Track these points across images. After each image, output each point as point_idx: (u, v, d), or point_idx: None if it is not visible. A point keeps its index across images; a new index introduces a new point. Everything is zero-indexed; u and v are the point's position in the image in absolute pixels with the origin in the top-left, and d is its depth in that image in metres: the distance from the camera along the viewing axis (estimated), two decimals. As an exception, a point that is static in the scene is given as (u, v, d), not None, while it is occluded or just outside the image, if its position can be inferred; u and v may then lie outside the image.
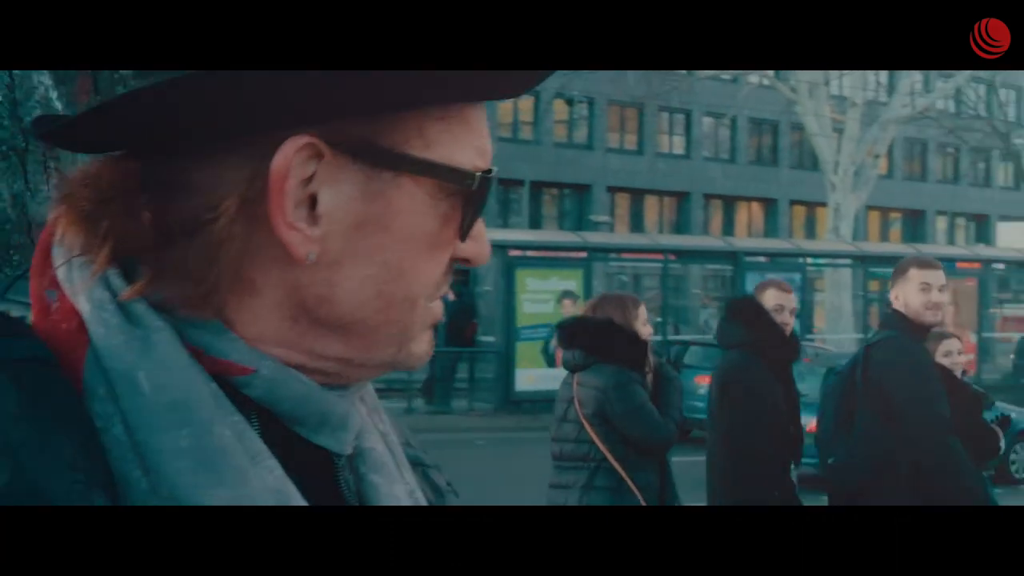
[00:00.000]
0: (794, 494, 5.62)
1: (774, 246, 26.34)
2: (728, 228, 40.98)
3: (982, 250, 27.24)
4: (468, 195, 0.95)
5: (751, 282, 21.64)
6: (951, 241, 45.24)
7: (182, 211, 0.90)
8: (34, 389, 0.84)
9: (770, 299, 5.82)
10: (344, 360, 0.96)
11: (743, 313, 5.79)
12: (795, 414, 5.74)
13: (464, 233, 0.97)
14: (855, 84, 27.39)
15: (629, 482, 5.29)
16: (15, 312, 0.94)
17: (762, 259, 22.88)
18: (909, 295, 4.96)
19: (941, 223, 46.74)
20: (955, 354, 5.56)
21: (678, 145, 40.58)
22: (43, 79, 1.74)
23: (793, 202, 42.50)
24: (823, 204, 28.47)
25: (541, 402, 17.20)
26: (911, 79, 28.07)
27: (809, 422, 6.22)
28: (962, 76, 27.98)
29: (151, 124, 0.90)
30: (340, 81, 0.88)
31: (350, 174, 0.91)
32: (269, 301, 0.93)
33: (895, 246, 29.54)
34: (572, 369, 5.56)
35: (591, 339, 5.46)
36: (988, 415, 5.61)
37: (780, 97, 28.88)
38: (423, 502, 1.09)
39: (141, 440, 0.86)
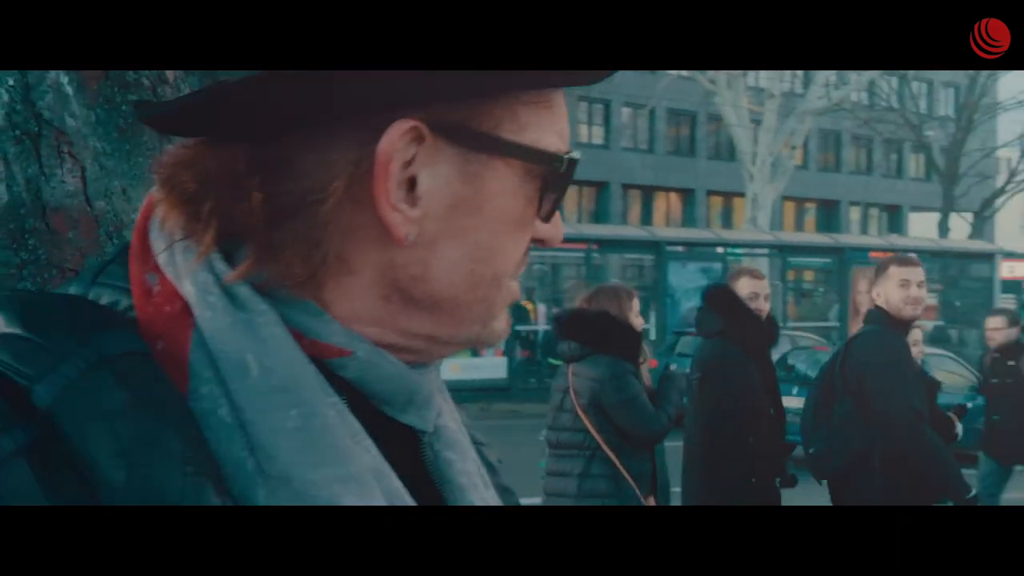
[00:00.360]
0: (773, 483, 5.75)
1: (696, 235, 26.61)
2: (647, 218, 41.28)
3: (896, 240, 27.76)
4: (555, 177, 0.98)
5: (673, 272, 21.88)
6: (864, 231, 46.04)
7: (290, 194, 0.92)
8: (137, 385, 0.85)
9: (744, 287, 5.97)
10: (432, 338, 0.99)
11: (719, 302, 5.92)
12: (776, 396, 5.90)
13: (549, 214, 1.00)
14: (772, 76, 27.67)
15: (623, 471, 5.38)
16: (106, 297, 0.94)
17: (680, 248, 23.10)
18: (889, 291, 5.22)
19: (855, 213, 47.51)
20: (917, 344, 5.78)
21: (597, 135, 40.78)
22: (54, 63, 1.73)
23: (710, 192, 42.95)
24: (740, 194, 28.79)
25: (466, 391, 17.28)
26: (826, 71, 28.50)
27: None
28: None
29: (261, 112, 0.92)
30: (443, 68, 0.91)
31: (448, 156, 0.93)
32: (365, 281, 0.95)
33: (814, 236, 30.00)
34: (568, 360, 5.64)
35: (587, 331, 5.53)
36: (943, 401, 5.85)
37: (699, 88, 29.14)
38: (486, 479, 1.12)
39: (248, 420, 0.88)
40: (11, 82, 1.70)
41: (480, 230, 0.96)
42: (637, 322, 5.66)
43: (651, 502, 5.50)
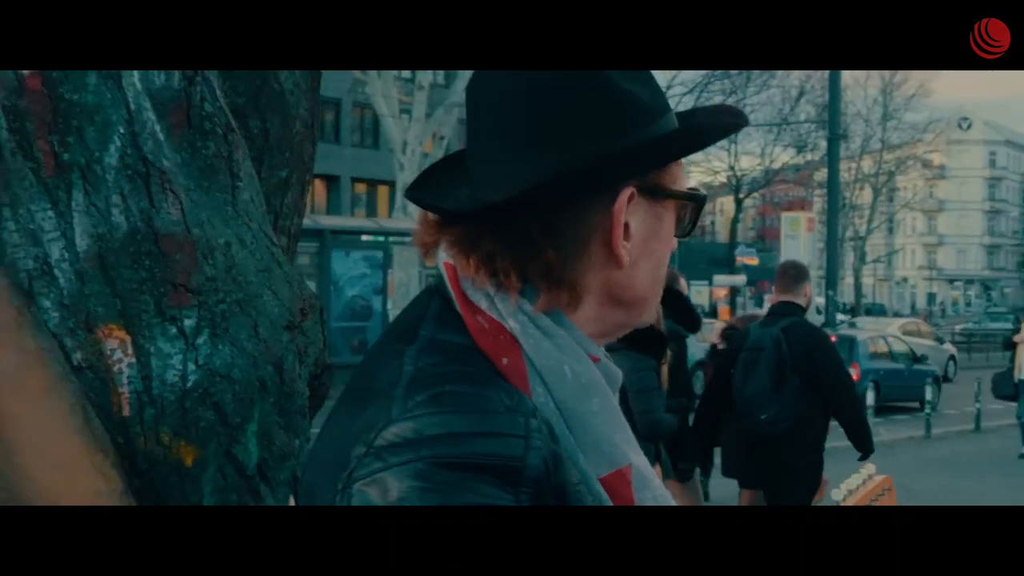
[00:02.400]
0: None
1: (358, 224, 26.94)
2: (292, 204, 41.17)
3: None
4: (697, 207, 1.39)
5: (337, 260, 22.26)
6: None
7: (566, 248, 1.29)
8: (518, 401, 1.23)
9: (684, 287, 7.39)
10: (623, 325, 1.38)
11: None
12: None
13: (690, 231, 1.40)
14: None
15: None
16: (455, 340, 1.29)
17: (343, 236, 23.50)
18: (809, 291, 6.68)
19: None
20: None
21: (241, 120, 40.28)
22: (151, 115, 2.11)
23: (355, 179, 43.49)
24: (384, 182, 29.29)
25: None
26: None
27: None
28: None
29: (551, 192, 1.29)
30: (651, 154, 1.34)
31: (644, 206, 1.32)
32: (593, 296, 1.33)
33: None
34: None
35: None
36: None
37: (347, 76, 29.53)
38: None
39: (566, 408, 1.27)
40: (121, 131, 2.08)
41: (660, 250, 1.36)
42: (660, 324, 6.42)
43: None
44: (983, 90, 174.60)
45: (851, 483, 1.74)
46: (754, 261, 73.42)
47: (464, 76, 28.94)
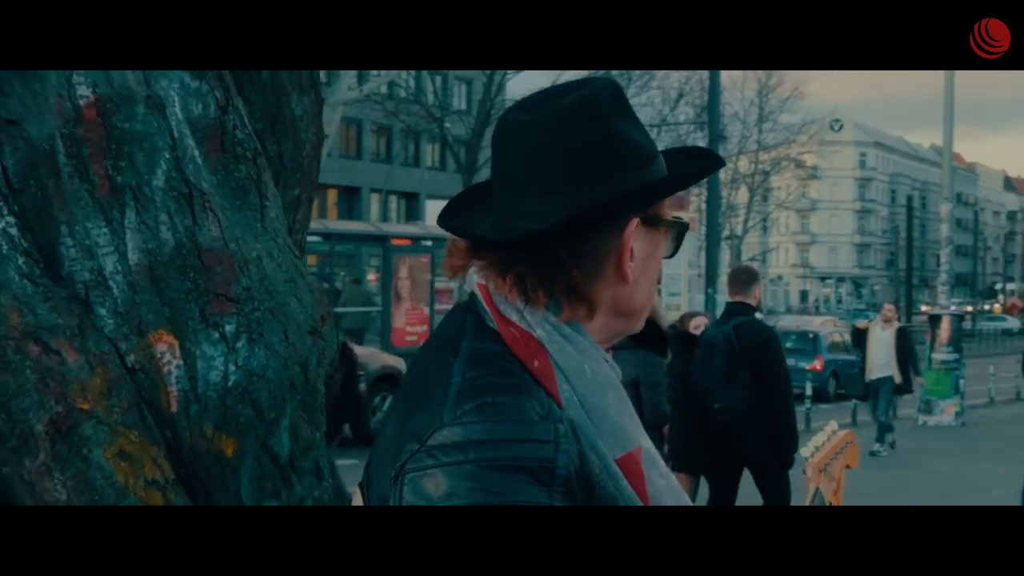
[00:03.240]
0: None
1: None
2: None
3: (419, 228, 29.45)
4: (681, 232, 1.62)
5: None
6: (384, 217, 48.03)
7: (588, 269, 1.51)
8: (548, 408, 1.43)
9: None
10: (621, 333, 1.61)
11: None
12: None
13: (675, 252, 1.63)
14: (309, 67, 28.31)
15: None
16: (492, 347, 1.49)
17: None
18: (758, 293, 7.17)
19: (375, 200, 49.49)
20: (701, 327, 7.84)
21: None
22: (190, 141, 2.35)
23: (238, 177, 43.04)
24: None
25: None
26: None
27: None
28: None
29: (581, 223, 1.51)
30: (652, 193, 1.55)
31: (645, 232, 1.55)
32: (602, 308, 1.54)
33: (357, 224, 31.03)
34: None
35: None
36: None
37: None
38: None
39: (587, 401, 1.48)
40: (167, 156, 2.32)
41: (654, 268, 1.60)
42: (664, 323, 7.01)
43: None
44: (854, 92, 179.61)
45: (817, 440, 2.02)
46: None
47: (347, 75, 29.00)
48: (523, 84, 51.75)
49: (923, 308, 56.13)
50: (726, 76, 36.65)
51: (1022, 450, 13.30)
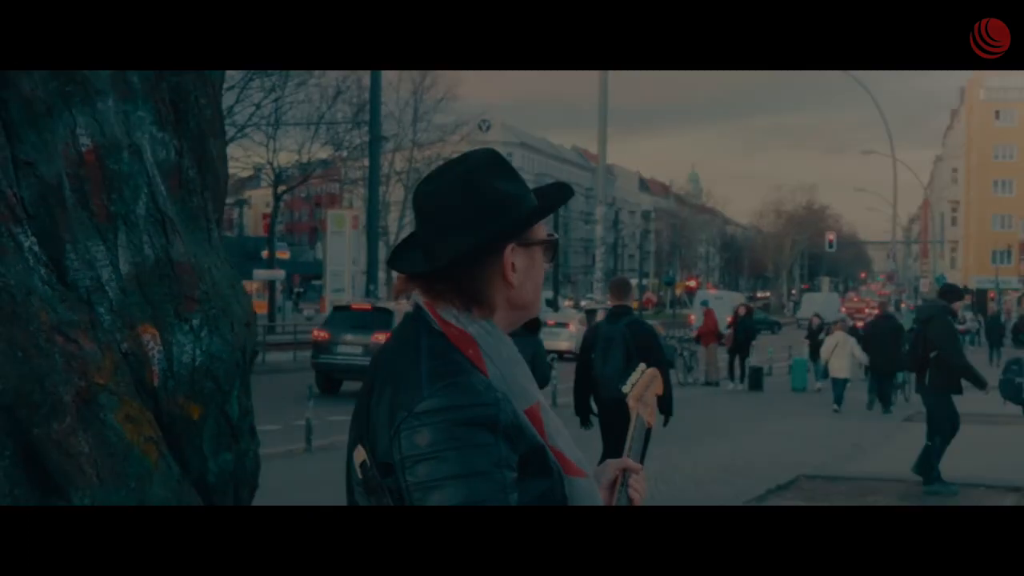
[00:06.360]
0: None
1: None
2: None
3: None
4: (553, 246, 2.21)
5: None
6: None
7: (479, 280, 2.09)
8: (488, 382, 2.01)
9: None
10: (519, 320, 2.17)
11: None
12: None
13: (552, 261, 2.27)
14: None
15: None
16: (442, 343, 2.06)
17: None
18: (633, 297, 8.71)
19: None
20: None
21: None
22: (158, 179, 3.07)
23: None
24: None
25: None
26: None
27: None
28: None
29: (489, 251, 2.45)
30: (521, 225, 2.13)
31: (522, 251, 2.11)
32: (500, 306, 2.12)
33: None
34: None
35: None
36: None
37: None
38: None
39: (505, 374, 2.05)
40: (146, 190, 3.05)
41: (536, 273, 2.15)
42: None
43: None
44: (501, 94, 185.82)
45: (633, 378, 2.54)
46: (286, 255, 74.50)
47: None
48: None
49: (583, 304, 59.30)
50: (383, 76, 37.61)
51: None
